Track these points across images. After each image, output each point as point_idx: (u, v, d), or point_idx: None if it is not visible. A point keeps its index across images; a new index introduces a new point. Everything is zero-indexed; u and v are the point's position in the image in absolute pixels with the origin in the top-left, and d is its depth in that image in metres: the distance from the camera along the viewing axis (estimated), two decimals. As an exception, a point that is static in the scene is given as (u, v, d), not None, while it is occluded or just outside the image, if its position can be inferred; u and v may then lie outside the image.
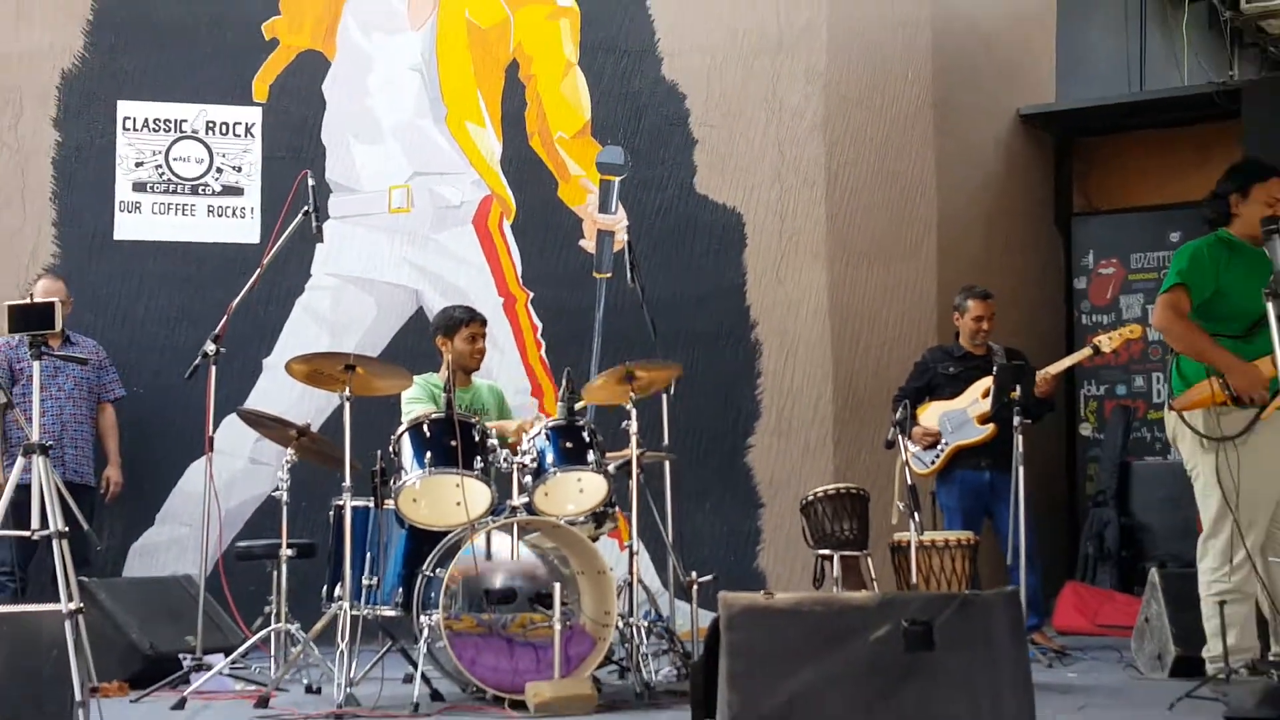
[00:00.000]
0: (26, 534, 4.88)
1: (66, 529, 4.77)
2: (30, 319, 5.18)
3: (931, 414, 7.87)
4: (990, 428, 7.66)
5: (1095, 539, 9.83)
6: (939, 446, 7.81)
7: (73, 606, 4.49)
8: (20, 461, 4.88)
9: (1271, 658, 5.67)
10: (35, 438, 4.93)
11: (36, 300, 5.40)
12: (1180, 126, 10.61)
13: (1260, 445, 5.68)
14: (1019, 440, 7.27)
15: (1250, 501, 5.70)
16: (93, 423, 7.87)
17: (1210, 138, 10.09)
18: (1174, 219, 10.12)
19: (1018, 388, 7.39)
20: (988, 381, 7.65)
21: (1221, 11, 13.30)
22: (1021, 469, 7.27)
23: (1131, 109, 11.01)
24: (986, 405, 7.61)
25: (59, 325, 5.47)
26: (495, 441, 6.36)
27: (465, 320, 7.04)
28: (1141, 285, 10.22)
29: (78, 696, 4.36)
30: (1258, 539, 5.74)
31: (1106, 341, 7.73)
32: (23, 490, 4.81)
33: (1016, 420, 7.30)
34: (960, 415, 7.77)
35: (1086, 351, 7.94)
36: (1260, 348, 5.58)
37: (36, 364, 5.11)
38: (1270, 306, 5.14)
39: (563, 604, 5.85)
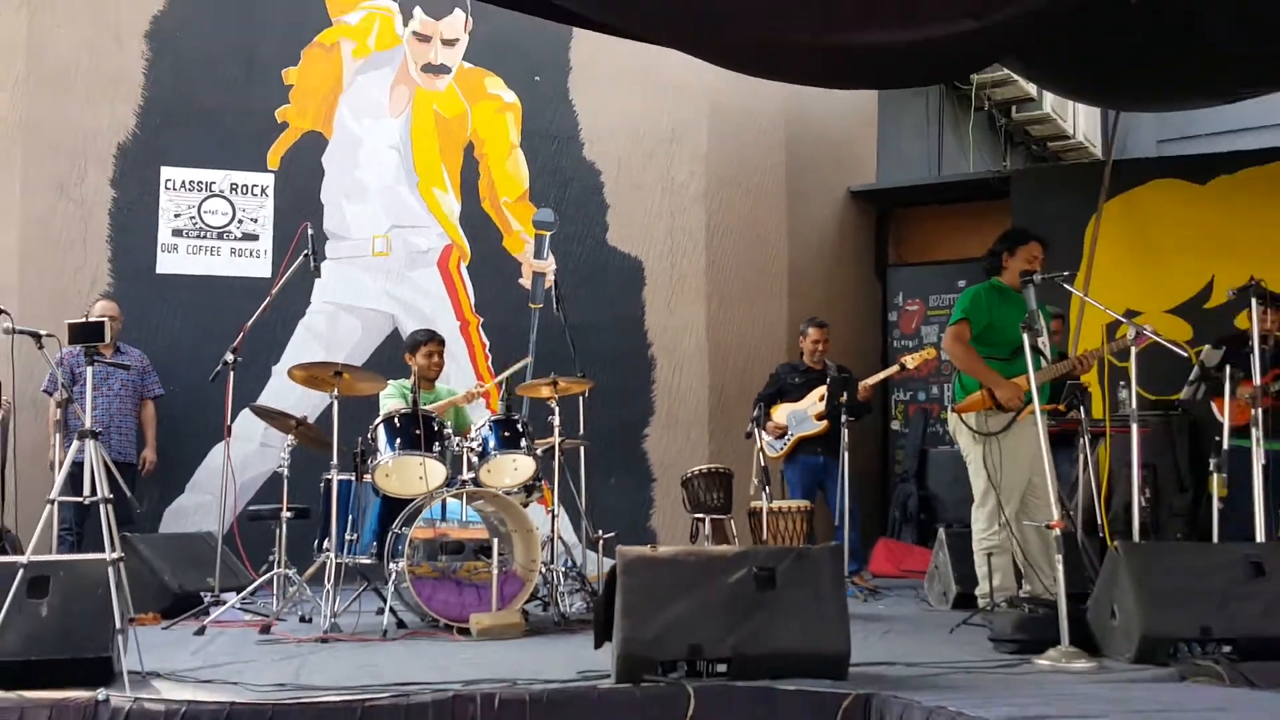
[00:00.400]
0: (80, 499, 4.77)
1: (111, 496, 4.66)
2: (86, 333, 5.10)
3: (781, 413, 7.94)
4: (824, 423, 7.78)
5: (900, 506, 9.94)
6: (786, 437, 7.89)
7: (114, 556, 4.38)
8: (75, 444, 4.76)
9: (1023, 595, 5.84)
10: (88, 425, 4.83)
11: (91, 319, 5.23)
12: (966, 202, 10.71)
13: (1015, 440, 5.92)
14: (845, 433, 7.45)
15: (1008, 481, 5.94)
16: (136, 415, 7.75)
17: (988, 211, 10.16)
18: (961, 270, 10.16)
19: (845, 394, 7.58)
20: (822, 389, 7.82)
21: (998, 118, 13.49)
22: (846, 454, 7.46)
23: (931, 189, 11.20)
24: (821, 407, 7.80)
25: (108, 338, 5.37)
26: (450, 431, 6.31)
27: (425, 341, 7.07)
28: (937, 319, 10.30)
29: (117, 625, 4.26)
30: (1014, 508, 5.95)
31: (910, 360, 7.81)
32: (78, 466, 4.67)
33: (843, 418, 7.48)
34: (802, 414, 7.86)
35: (895, 368, 8.01)
36: (1019, 368, 5.72)
37: (89, 369, 5.00)
38: (1025, 337, 5.26)
39: (499, 554, 5.83)
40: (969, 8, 6.63)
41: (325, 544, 6.05)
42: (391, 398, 6.82)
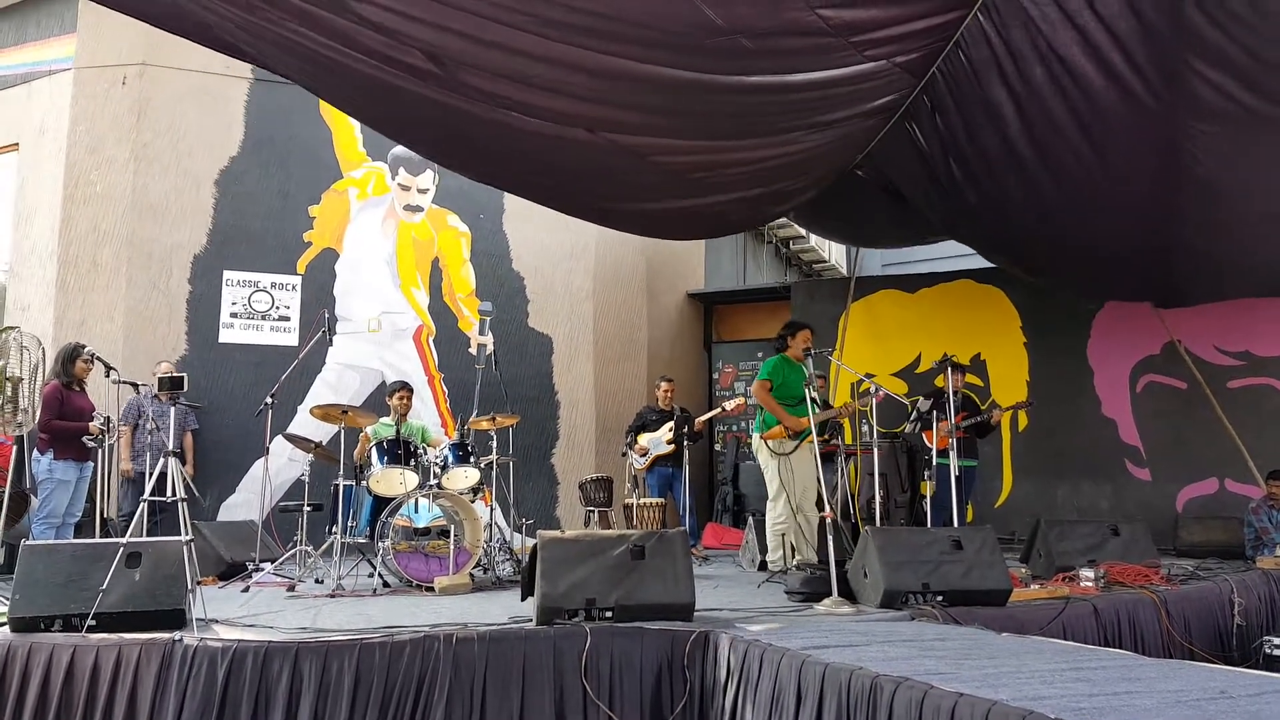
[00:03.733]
0: (165, 499, 4.59)
1: (186, 497, 4.45)
2: (172, 383, 4.93)
3: (644, 439, 7.87)
4: (673, 446, 7.71)
5: (722, 501, 9.96)
6: (647, 455, 7.80)
7: (187, 538, 4.20)
8: (162, 460, 4.56)
9: (800, 563, 5.76)
10: (170, 447, 4.62)
11: (174, 374, 5.02)
12: (763, 302, 10.86)
13: (798, 458, 5.99)
14: (686, 453, 7.43)
15: (794, 485, 5.97)
16: (181, 441, 7.42)
17: (776, 308, 10.33)
18: (759, 346, 10.33)
19: (686, 427, 7.53)
20: (671, 423, 7.77)
21: (781, 248, 13.77)
22: (687, 467, 7.40)
23: (739, 292, 11.33)
24: (670, 435, 7.70)
25: (186, 387, 5.08)
26: (422, 450, 6.22)
27: (398, 389, 6.89)
28: (745, 377, 10.42)
29: (189, 587, 4.10)
30: (796, 503, 5.98)
31: (728, 405, 7.88)
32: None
33: (685, 443, 7.41)
34: (658, 440, 7.80)
35: (718, 409, 8.09)
36: (800, 412, 5.83)
37: (173, 409, 4.81)
38: (808, 392, 5.33)
39: (455, 535, 5.71)
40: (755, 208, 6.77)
41: (334, 529, 5.86)
42: (380, 430, 6.66)
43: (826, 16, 4.26)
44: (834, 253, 14.84)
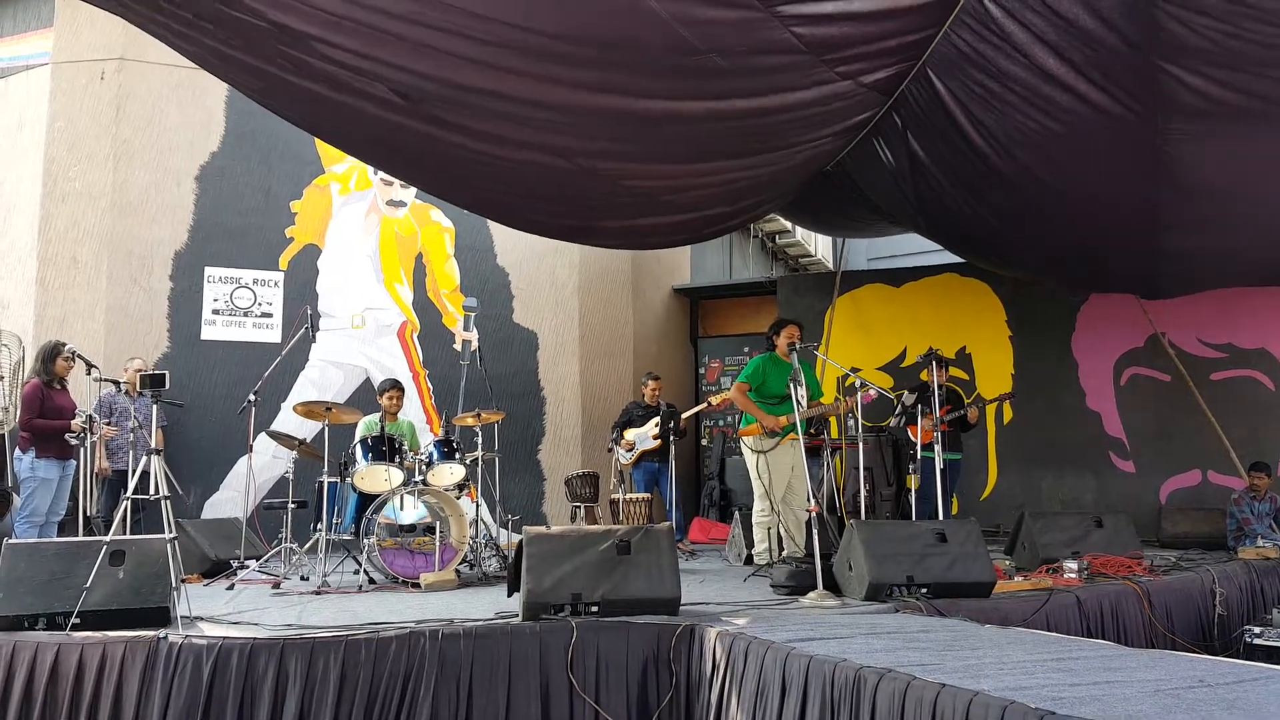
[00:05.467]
0: (148, 497, 4.59)
1: (168, 494, 4.46)
2: (154, 381, 4.91)
3: (631, 434, 7.88)
4: (659, 441, 7.72)
5: (709, 496, 9.98)
6: (633, 450, 7.81)
7: (171, 535, 4.21)
8: (145, 458, 4.55)
9: (786, 556, 5.82)
10: (154, 445, 4.61)
11: (155, 371, 5.01)
12: (749, 297, 10.89)
13: (777, 455, 6.01)
14: (672, 448, 7.45)
15: (773, 482, 5.99)
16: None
17: (762, 303, 10.40)
18: (745, 341, 10.37)
19: (672, 422, 7.53)
20: (657, 419, 7.76)
21: (767, 242, 13.81)
22: (673, 462, 7.42)
23: (725, 287, 11.37)
24: (656, 430, 7.72)
25: (168, 385, 5.06)
26: (407, 448, 6.21)
27: (389, 388, 6.92)
28: (730, 372, 10.44)
29: (173, 584, 4.11)
30: (779, 498, 6.01)
31: (714, 400, 7.89)
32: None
33: (671, 438, 7.42)
34: (645, 435, 7.81)
35: (704, 405, 8.08)
36: (780, 410, 5.92)
37: (155, 407, 4.80)
38: (791, 389, 5.34)
39: (440, 532, 5.70)
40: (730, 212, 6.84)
41: (318, 526, 5.85)
42: (366, 427, 6.68)
43: (800, 34, 4.32)
44: (820, 247, 14.89)
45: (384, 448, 6.03)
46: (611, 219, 6.52)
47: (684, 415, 7.88)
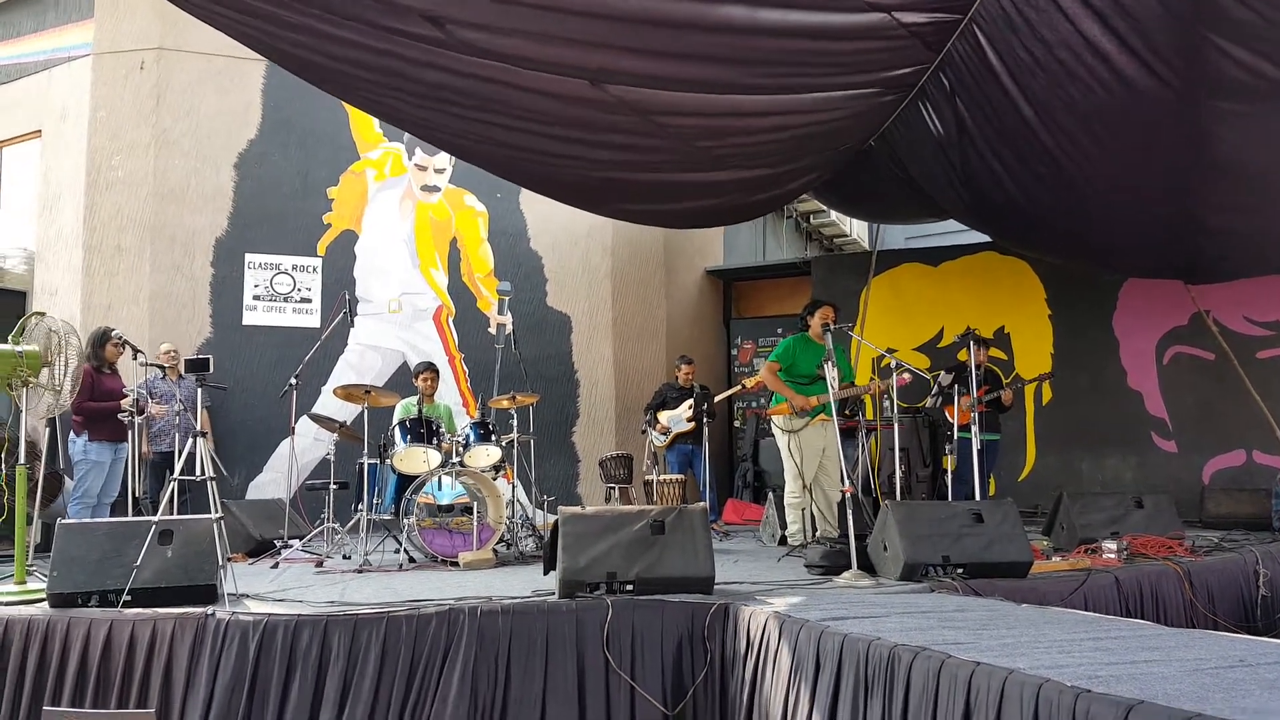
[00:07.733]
0: (194, 478, 4.69)
1: (214, 476, 4.56)
2: (197, 365, 5.02)
3: (664, 417, 7.93)
4: (692, 424, 7.76)
5: (742, 477, 9.98)
6: (667, 433, 7.84)
7: (217, 516, 4.30)
8: (190, 441, 4.66)
9: (820, 537, 5.89)
10: (199, 428, 4.72)
11: (199, 356, 5.12)
12: (783, 278, 10.85)
13: (808, 435, 6.07)
14: (706, 430, 7.46)
15: (804, 462, 6.06)
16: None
17: (797, 284, 10.34)
18: (778, 322, 10.34)
19: (706, 404, 7.55)
20: (691, 401, 7.79)
21: (801, 222, 13.72)
22: (707, 444, 7.45)
23: (759, 269, 11.30)
24: (689, 412, 7.74)
25: (211, 369, 5.16)
26: (444, 430, 6.28)
27: (422, 371, 7.02)
28: (764, 354, 10.39)
29: (220, 562, 4.21)
30: (810, 479, 6.07)
31: (748, 382, 7.92)
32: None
33: (705, 420, 7.43)
34: (678, 417, 7.85)
35: (738, 387, 8.13)
36: (812, 391, 6.00)
37: (200, 390, 4.89)
38: (825, 369, 5.31)
39: (478, 512, 5.79)
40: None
41: (359, 506, 5.98)
42: (404, 409, 6.77)
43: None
44: (855, 227, 14.77)
45: (422, 430, 6.12)
46: (645, 172, 6.31)
47: (717, 398, 7.89)
